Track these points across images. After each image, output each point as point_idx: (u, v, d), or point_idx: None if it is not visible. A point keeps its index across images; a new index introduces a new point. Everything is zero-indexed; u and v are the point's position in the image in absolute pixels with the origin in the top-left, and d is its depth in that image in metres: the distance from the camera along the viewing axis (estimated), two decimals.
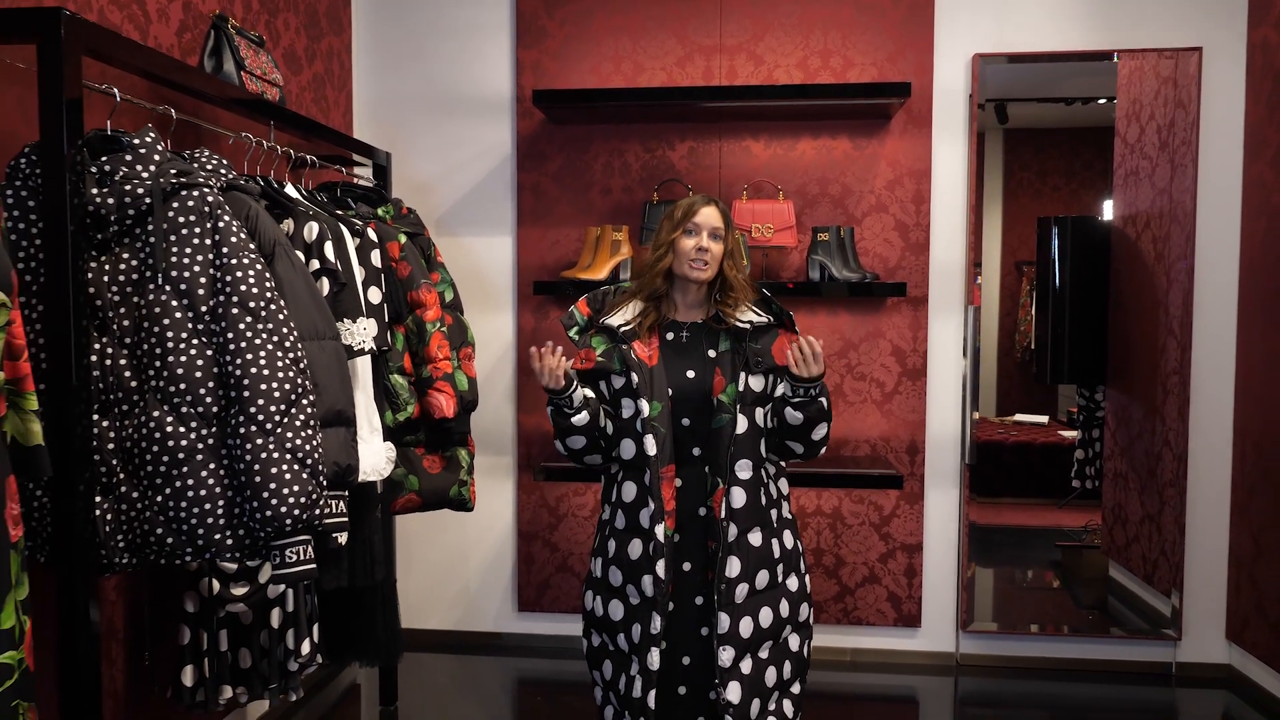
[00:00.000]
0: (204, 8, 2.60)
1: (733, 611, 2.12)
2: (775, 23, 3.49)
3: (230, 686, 2.24)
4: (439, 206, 3.66)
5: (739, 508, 2.14)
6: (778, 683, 2.23)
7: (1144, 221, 3.68)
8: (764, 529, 2.19)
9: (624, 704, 2.20)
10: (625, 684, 2.19)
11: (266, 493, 1.67)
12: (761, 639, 2.19)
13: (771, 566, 2.20)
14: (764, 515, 2.20)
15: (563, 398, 2.11)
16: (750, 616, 2.15)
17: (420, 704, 3.29)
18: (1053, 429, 4.10)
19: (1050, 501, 4.11)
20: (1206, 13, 3.37)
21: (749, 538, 2.16)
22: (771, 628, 2.20)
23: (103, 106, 1.84)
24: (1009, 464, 4.05)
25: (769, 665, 2.21)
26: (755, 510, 2.18)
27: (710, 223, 2.21)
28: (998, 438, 4.03)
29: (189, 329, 1.69)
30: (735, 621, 2.12)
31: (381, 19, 3.65)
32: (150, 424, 1.68)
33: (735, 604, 2.12)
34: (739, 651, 2.13)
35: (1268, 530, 3.21)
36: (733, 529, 2.13)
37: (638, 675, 2.14)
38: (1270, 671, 3.22)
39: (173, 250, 1.69)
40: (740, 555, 2.14)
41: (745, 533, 2.16)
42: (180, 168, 1.75)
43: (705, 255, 2.18)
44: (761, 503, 2.19)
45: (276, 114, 2.42)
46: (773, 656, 2.22)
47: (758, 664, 2.18)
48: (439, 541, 3.72)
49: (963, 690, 3.45)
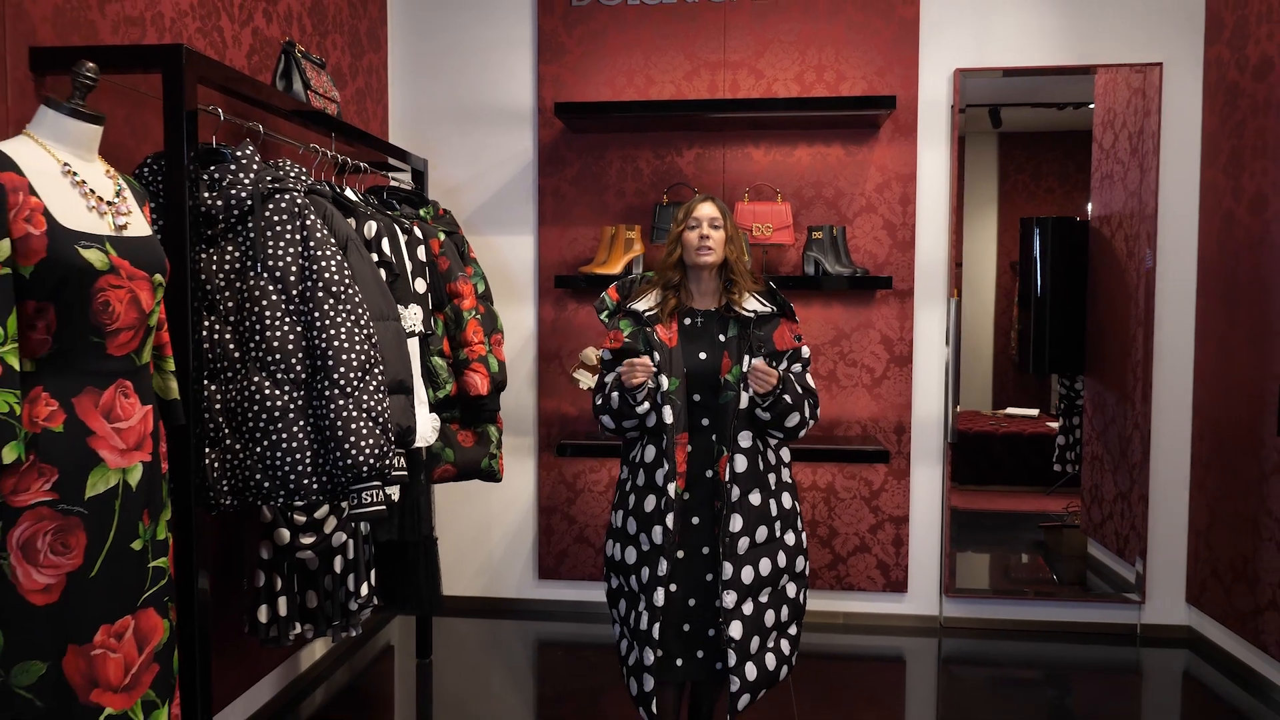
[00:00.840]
0: (268, 32, 2.94)
1: (735, 561, 2.39)
2: (775, 40, 3.83)
3: (299, 623, 2.58)
4: (467, 208, 4.00)
5: (741, 472, 2.42)
6: (775, 624, 2.50)
7: (1117, 221, 4.01)
8: (763, 490, 2.46)
9: (634, 636, 2.48)
10: (635, 619, 2.46)
11: (348, 444, 2.01)
12: (761, 585, 2.45)
13: (770, 523, 2.47)
14: (763, 479, 2.47)
15: (641, 390, 2.37)
16: (751, 565, 2.42)
17: (451, 660, 3.62)
18: (1042, 421, 4.41)
19: (1037, 489, 4.43)
20: (1167, 31, 3.71)
21: (750, 498, 2.43)
22: (770, 576, 2.47)
23: (205, 123, 2.18)
24: (998, 454, 4.37)
25: (768, 608, 2.47)
26: (755, 474, 2.45)
27: (708, 215, 2.51)
28: (988, 429, 4.34)
29: (282, 309, 2.03)
30: (738, 570, 2.39)
31: (415, 37, 4.00)
32: (250, 388, 2.02)
33: (738, 555, 2.39)
34: (740, 595, 2.40)
35: (1221, 502, 3.54)
36: (735, 490, 2.41)
37: (645, 611, 2.41)
38: (1225, 631, 3.54)
39: (269, 244, 2.03)
40: (742, 513, 2.41)
41: (746, 494, 2.43)
42: (274, 175, 2.09)
43: (708, 242, 2.48)
44: (760, 468, 2.46)
45: (336, 126, 2.76)
46: (771, 601, 2.48)
47: (758, 607, 2.44)
48: (466, 515, 4.06)
49: (946, 650, 3.76)
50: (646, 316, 2.50)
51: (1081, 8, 3.74)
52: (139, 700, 1.56)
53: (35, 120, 1.56)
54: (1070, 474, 4.33)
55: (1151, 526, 3.82)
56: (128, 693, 1.54)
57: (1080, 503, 4.25)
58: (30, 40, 1.97)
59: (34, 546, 1.44)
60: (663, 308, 2.52)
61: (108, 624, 1.51)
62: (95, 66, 1.60)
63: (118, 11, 2.23)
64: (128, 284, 1.55)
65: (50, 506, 1.46)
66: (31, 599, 1.44)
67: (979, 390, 4.42)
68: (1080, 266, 4.24)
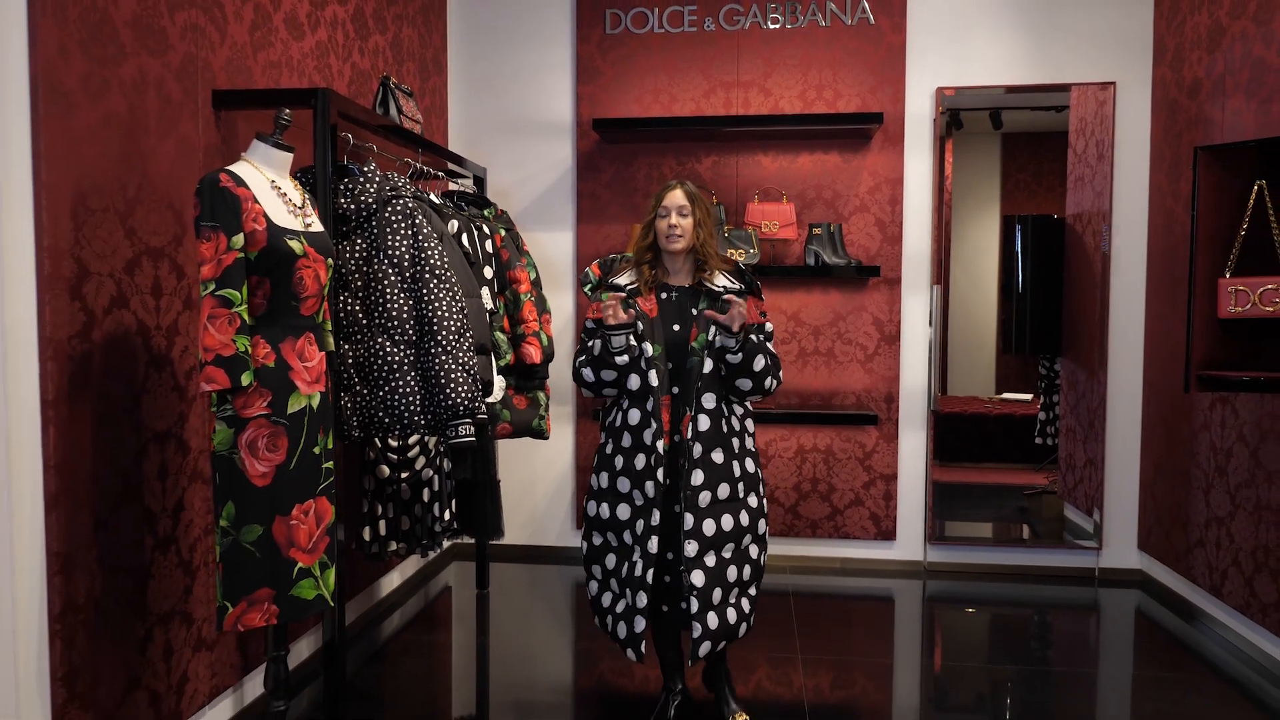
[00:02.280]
0: (361, 65, 3.59)
1: (697, 514, 2.50)
2: (781, 63, 4.45)
3: (395, 542, 3.22)
4: (515, 207, 4.64)
5: (703, 430, 2.52)
6: (738, 580, 2.60)
7: (1087, 219, 4.59)
8: (725, 451, 2.56)
9: (624, 584, 2.58)
10: (628, 568, 2.57)
11: (449, 389, 2.65)
12: (724, 540, 2.55)
13: (733, 483, 2.57)
14: (726, 441, 2.57)
15: (618, 333, 2.49)
16: (713, 519, 2.52)
17: (502, 596, 4.25)
18: (1035, 403, 4.97)
19: (1029, 465, 4.97)
20: (1121, 54, 4.30)
21: (712, 456, 2.54)
22: (732, 533, 2.57)
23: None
24: (991, 432, 4.94)
25: (730, 564, 2.57)
26: (718, 435, 2.55)
27: (676, 203, 2.60)
28: (983, 410, 4.93)
29: (398, 287, 2.67)
30: (699, 521, 2.50)
31: (471, 61, 4.64)
32: (375, 347, 2.66)
33: (699, 508, 2.51)
34: (702, 546, 2.51)
35: (1163, 459, 4.14)
36: (697, 447, 2.51)
37: (639, 559, 2.52)
38: (1167, 570, 4.13)
39: (388, 237, 2.67)
40: (704, 469, 2.52)
41: (709, 451, 2.53)
42: (391, 185, 2.73)
43: (676, 230, 2.59)
44: (724, 430, 2.56)
45: (421, 144, 3.41)
46: (734, 558, 2.59)
47: (720, 561, 2.55)
48: (514, 473, 4.70)
49: (929, 590, 4.36)
50: (629, 289, 2.63)
51: (1047, 32, 4.33)
52: (317, 561, 2.20)
53: (250, 149, 2.20)
54: (1050, 446, 4.91)
55: (1107, 483, 4.42)
56: (311, 554, 2.18)
57: (1058, 472, 4.83)
58: (212, 84, 2.62)
59: (256, 445, 2.08)
60: (641, 282, 2.64)
61: (300, 503, 2.15)
62: (291, 112, 2.24)
63: (265, 58, 2.88)
64: (314, 265, 2.18)
65: (266, 418, 2.09)
66: (255, 482, 2.08)
67: (983, 375, 4.96)
68: (1058, 260, 4.82)
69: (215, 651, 2.66)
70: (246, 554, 2.08)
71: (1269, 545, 3.31)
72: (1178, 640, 3.73)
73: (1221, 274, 3.14)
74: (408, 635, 3.73)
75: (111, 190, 2.22)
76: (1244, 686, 3.25)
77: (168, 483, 2.44)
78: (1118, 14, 4.29)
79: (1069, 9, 4.30)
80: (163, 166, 2.41)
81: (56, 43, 2.05)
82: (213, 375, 2.00)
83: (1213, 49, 3.72)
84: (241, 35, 2.75)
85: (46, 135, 2.02)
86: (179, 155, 2.47)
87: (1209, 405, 3.73)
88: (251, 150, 2.19)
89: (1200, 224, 3.16)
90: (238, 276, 2.03)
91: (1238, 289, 3.08)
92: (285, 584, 2.12)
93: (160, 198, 2.40)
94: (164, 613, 2.44)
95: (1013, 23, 4.35)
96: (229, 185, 2.04)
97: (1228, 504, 3.58)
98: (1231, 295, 3.09)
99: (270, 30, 2.92)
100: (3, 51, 1.94)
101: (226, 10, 2.68)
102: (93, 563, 2.17)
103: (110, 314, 2.21)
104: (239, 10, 2.74)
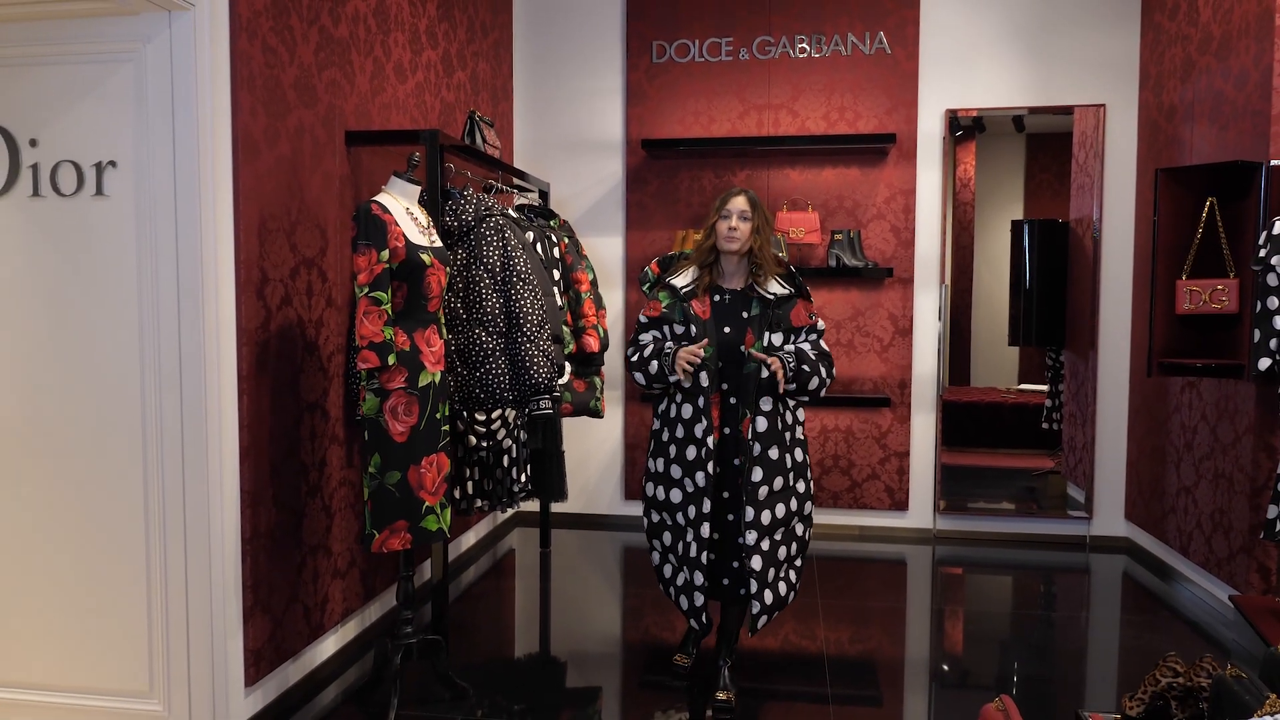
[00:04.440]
0: (448, 99, 4.24)
1: (756, 506, 2.72)
2: (807, 87, 5.04)
3: (480, 500, 3.87)
4: (571, 216, 5.27)
5: (762, 431, 2.73)
6: (786, 558, 2.82)
7: (1085, 223, 5.13)
8: (780, 446, 2.75)
9: (682, 561, 2.83)
10: (684, 548, 2.80)
11: (532, 370, 3.28)
12: (777, 526, 2.77)
13: (785, 474, 2.76)
14: (780, 437, 2.75)
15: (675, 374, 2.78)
16: (769, 509, 2.74)
17: (560, 556, 4.88)
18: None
19: (1041, 451, 5.47)
20: (1111, 78, 4.83)
21: (769, 453, 2.73)
22: (784, 518, 2.79)
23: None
24: (1008, 420, 5.48)
25: (781, 545, 2.80)
26: (774, 433, 2.74)
27: (738, 208, 2.77)
28: (999, 400, 5.47)
29: (491, 288, 3.30)
30: (758, 513, 2.73)
31: (534, 87, 5.28)
32: (473, 337, 3.30)
33: (758, 500, 2.71)
34: (759, 535, 2.73)
35: (1145, 439, 4.68)
36: (757, 446, 2.72)
37: (693, 541, 2.76)
38: (1152, 538, 4.67)
39: (483, 248, 3.31)
40: (763, 466, 2.72)
41: (766, 449, 2.73)
42: (485, 205, 3.37)
43: (735, 233, 2.76)
44: (779, 427, 2.75)
45: (501, 167, 4.05)
46: (784, 538, 2.81)
47: (773, 544, 2.77)
48: (570, 448, 5.33)
49: (938, 555, 4.91)
50: (684, 292, 2.82)
51: (1045, 59, 4.88)
52: (438, 501, 2.84)
53: (389, 184, 2.84)
54: (1056, 431, 5.44)
55: (1098, 460, 4.97)
56: (435, 495, 2.82)
57: (1061, 454, 5.36)
58: (345, 126, 3.27)
59: (396, 411, 2.72)
60: (698, 284, 2.81)
61: (428, 455, 2.79)
62: (419, 155, 2.88)
63: (380, 101, 3.54)
64: (437, 272, 2.82)
65: (404, 390, 2.73)
66: (396, 439, 2.72)
67: (1006, 368, 5.48)
68: (1062, 260, 5.34)
69: (346, 580, 3.32)
70: (389, 494, 2.73)
71: (1223, 508, 3.86)
72: (1154, 595, 4.26)
73: (1179, 276, 3.69)
74: (485, 583, 4.38)
75: (281, 215, 2.88)
76: (1202, 627, 3.81)
77: (316, 443, 3.10)
78: (1109, 42, 4.82)
79: (1065, 37, 4.85)
80: (313, 194, 3.06)
81: (248, 106, 2.70)
82: (368, 357, 2.65)
83: (1185, 79, 4.25)
84: (365, 84, 3.41)
85: (243, 176, 2.68)
86: (324, 185, 3.13)
87: (1180, 390, 4.27)
88: (390, 184, 2.84)
89: (1161, 234, 3.72)
90: (385, 282, 2.67)
91: (1192, 289, 3.63)
92: (417, 517, 2.76)
93: (312, 219, 3.05)
94: (313, 545, 3.10)
95: (1014, 49, 4.90)
96: (378, 213, 2.68)
97: (1193, 474, 4.13)
98: (1187, 294, 3.64)
99: (384, 78, 3.57)
100: (216, 115, 2.59)
101: (354, 66, 3.33)
102: (269, 501, 2.84)
103: (281, 310, 2.87)
104: (363, 64, 3.39)
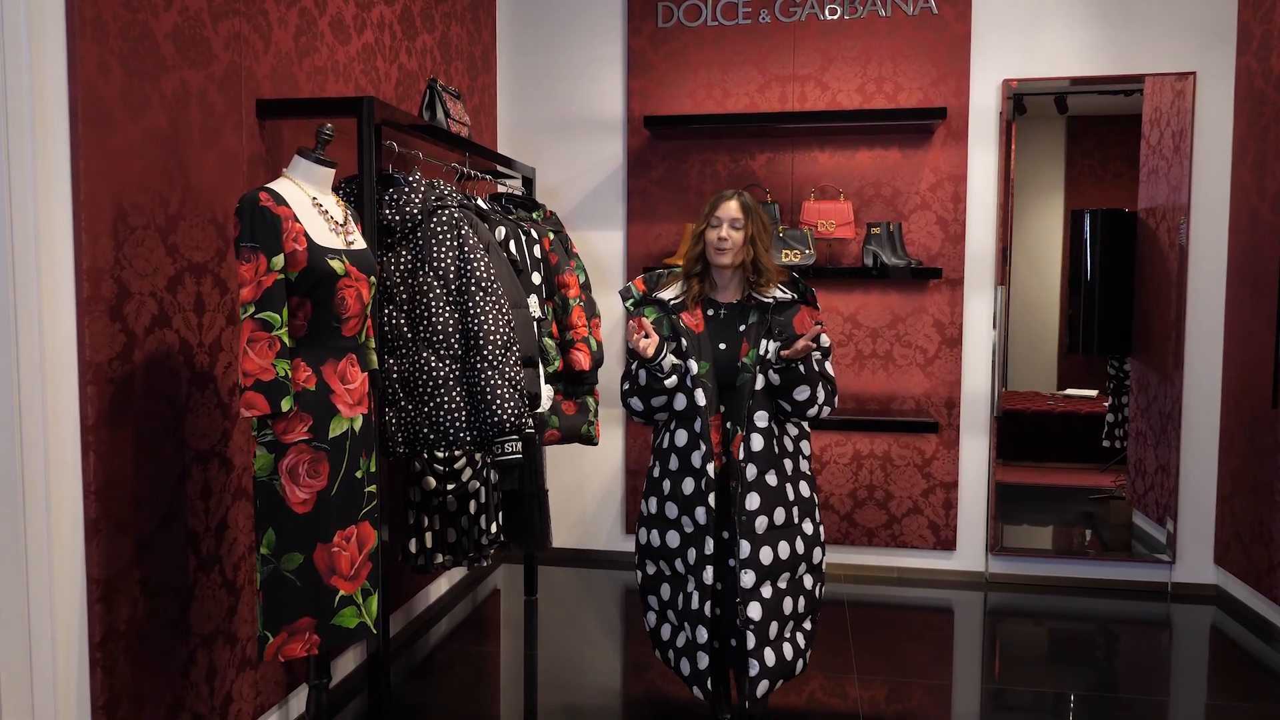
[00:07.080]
0: (409, 66, 3.52)
1: (753, 540, 2.38)
2: (839, 55, 4.29)
3: (441, 554, 3.16)
4: (564, 206, 4.55)
5: (757, 451, 2.41)
6: (793, 613, 2.48)
7: (1161, 214, 4.37)
8: (779, 474, 2.44)
9: (682, 617, 2.47)
10: (683, 600, 2.46)
11: (495, 405, 2.58)
12: (780, 569, 2.43)
13: (788, 507, 2.45)
14: (779, 462, 2.44)
15: (654, 364, 2.42)
16: (769, 547, 2.40)
17: (550, 600, 4.20)
18: (1100, 400, 4.77)
19: (1092, 465, 4.78)
20: (1201, 43, 4.06)
21: (766, 478, 2.41)
22: (789, 561, 2.45)
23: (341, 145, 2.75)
24: (1055, 431, 4.75)
25: (786, 595, 2.45)
26: (771, 456, 2.43)
27: (729, 215, 2.48)
28: (1046, 408, 4.74)
29: (444, 300, 2.59)
30: (755, 549, 2.38)
31: (520, 57, 4.55)
32: (419, 361, 2.59)
33: (756, 534, 2.38)
34: (759, 576, 2.39)
35: (1242, 470, 3.93)
36: (751, 469, 2.39)
37: (695, 591, 2.41)
38: (1247, 588, 3.92)
39: (433, 249, 2.60)
40: (759, 492, 2.40)
41: (763, 474, 2.41)
42: (436, 194, 2.66)
43: (725, 244, 2.47)
44: (776, 450, 2.44)
45: (469, 147, 3.33)
46: (790, 589, 2.46)
47: (776, 592, 2.42)
48: (563, 476, 4.64)
49: (991, 603, 4.21)
50: (672, 304, 2.53)
51: (1122, 21, 4.11)
52: (359, 588, 2.14)
53: (291, 165, 2.14)
54: (1119, 449, 4.71)
55: (1182, 493, 4.21)
56: (353, 581, 2.12)
57: (1126, 476, 4.62)
58: (256, 93, 2.56)
59: (297, 472, 2.02)
60: (688, 294, 2.54)
61: (341, 529, 2.09)
62: (333, 127, 2.17)
63: (310, 64, 2.82)
64: (356, 284, 2.11)
65: (307, 443, 2.03)
66: (295, 509, 2.03)
67: (1044, 371, 4.77)
68: (1128, 255, 4.60)
69: (259, 670, 2.63)
70: (287, 583, 2.03)
71: None
72: (1255, 660, 3.55)
73: None
74: (455, 644, 3.69)
75: (153, 207, 2.18)
76: None
77: (211, 502, 2.40)
78: (1197, 1, 4.05)
79: None
80: (206, 179, 2.36)
81: (96, 60, 1.99)
82: (253, 401, 1.95)
83: None
84: (286, 42, 2.69)
85: (86, 154, 1.98)
86: (222, 168, 2.42)
87: None
88: (292, 166, 2.13)
89: None
90: (278, 298, 1.97)
91: None
92: (327, 613, 2.07)
93: (203, 212, 2.35)
94: (207, 634, 2.40)
95: (1084, 11, 4.13)
96: (269, 204, 1.98)
97: None
98: None
99: (315, 35, 2.85)
100: (37, 70, 1.89)
101: (271, 17, 2.61)
102: (134, 587, 2.14)
103: (152, 333, 2.17)
104: (284, 16, 2.68)
